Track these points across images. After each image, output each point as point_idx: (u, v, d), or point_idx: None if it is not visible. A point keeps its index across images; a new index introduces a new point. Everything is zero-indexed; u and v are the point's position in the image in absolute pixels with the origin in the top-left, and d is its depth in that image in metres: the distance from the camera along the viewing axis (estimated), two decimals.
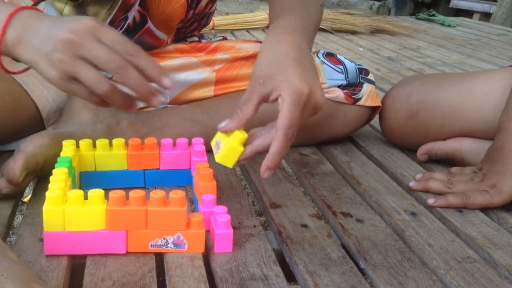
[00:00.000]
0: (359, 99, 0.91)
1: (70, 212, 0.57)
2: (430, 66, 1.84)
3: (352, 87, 0.91)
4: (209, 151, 0.68)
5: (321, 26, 2.47)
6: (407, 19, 3.28)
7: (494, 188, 0.73)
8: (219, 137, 0.61)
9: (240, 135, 0.59)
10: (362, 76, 0.93)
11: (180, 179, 0.76)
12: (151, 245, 0.60)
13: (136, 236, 0.59)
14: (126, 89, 0.57)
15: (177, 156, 0.75)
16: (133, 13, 0.85)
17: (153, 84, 0.58)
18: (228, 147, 0.60)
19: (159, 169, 0.75)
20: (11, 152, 0.73)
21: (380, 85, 1.52)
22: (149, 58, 0.55)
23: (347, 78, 0.91)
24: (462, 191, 0.75)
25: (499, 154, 0.75)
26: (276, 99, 0.56)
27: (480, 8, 3.89)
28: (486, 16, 3.81)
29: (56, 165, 0.66)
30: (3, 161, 0.72)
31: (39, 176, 0.75)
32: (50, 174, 0.76)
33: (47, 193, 0.58)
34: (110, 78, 0.57)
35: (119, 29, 0.87)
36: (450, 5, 4.31)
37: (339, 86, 0.91)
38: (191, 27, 0.95)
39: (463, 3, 4.16)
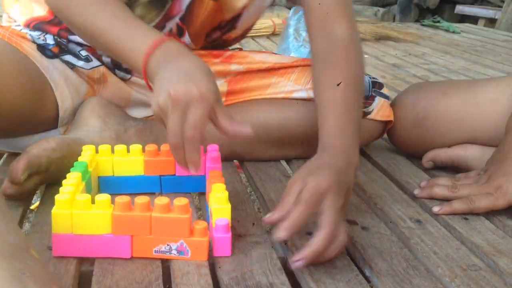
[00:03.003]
0: (369, 113, 0.90)
1: (77, 216, 0.59)
2: (435, 73, 1.84)
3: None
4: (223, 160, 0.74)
5: None
6: (412, 25, 3.29)
7: (499, 189, 0.73)
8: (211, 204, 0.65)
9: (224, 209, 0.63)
10: (375, 89, 0.91)
11: (196, 185, 0.77)
12: (155, 251, 0.61)
13: (140, 242, 0.60)
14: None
15: None
16: (171, 25, 0.87)
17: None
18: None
19: (175, 175, 0.76)
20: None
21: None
22: (194, 149, 0.63)
23: None
24: (467, 195, 0.74)
25: (505, 156, 0.75)
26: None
27: (485, 14, 3.90)
28: (491, 22, 3.81)
29: (71, 169, 0.68)
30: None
31: (46, 180, 0.76)
32: (58, 178, 0.76)
33: (56, 196, 0.59)
34: None
35: None
36: (455, 11, 4.32)
37: None
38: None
39: (468, 9, 4.16)
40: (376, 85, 0.92)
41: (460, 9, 4.24)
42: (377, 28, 2.63)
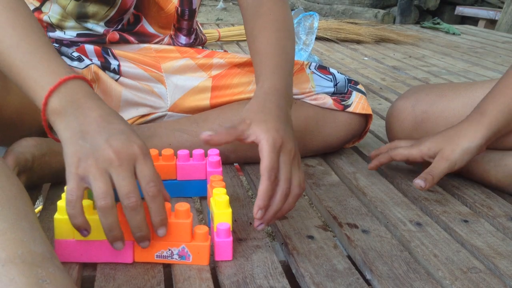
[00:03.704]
0: (348, 106, 0.93)
1: None
2: (435, 75, 1.85)
3: (341, 94, 0.93)
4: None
5: (326, 36, 2.49)
6: (412, 27, 3.29)
7: (418, 143, 0.80)
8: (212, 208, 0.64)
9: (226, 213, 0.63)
10: (351, 85, 0.95)
11: (197, 189, 0.77)
12: (157, 255, 0.61)
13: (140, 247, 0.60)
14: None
15: (193, 167, 0.76)
16: (128, 16, 0.90)
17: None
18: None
19: (176, 179, 0.77)
20: None
21: (386, 95, 1.53)
22: (162, 205, 0.57)
23: (335, 85, 0.93)
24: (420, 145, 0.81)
25: (446, 129, 0.80)
26: (251, 142, 0.64)
27: (485, 15, 3.90)
28: (491, 23, 3.82)
29: None
30: None
31: (30, 180, 0.76)
32: (41, 178, 0.78)
33: (58, 202, 0.60)
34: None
35: (114, 26, 0.89)
36: (455, 12, 4.32)
37: (328, 94, 0.93)
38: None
39: (468, 10, 4.17)
40: (352, 82, 0.96)
41: (460, 10, 4.24)
42: (377, 30, 2.63)
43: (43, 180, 0.80)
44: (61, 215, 0.59)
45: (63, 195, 0.61)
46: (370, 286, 0.60)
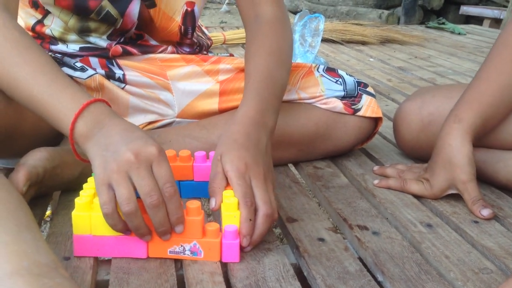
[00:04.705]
0: (358, 110, 0.93)
1: (95, 218, 0.61)
2: (441, 75, 1.85)
3: (351, 98, 0.93)
4: None
5: (331, 38, 2.49)
6: (417, 28, 3.29)
7: (428, 182, 0.81)
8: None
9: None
10: (361, 88, 0.95)
11: None
12: (170, 251, 0.63)
13: (156, 242, 0.62)
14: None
15: (210, 169, 0.77)
16: (130, 34, 0.90)
17: None
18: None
19: (193, 180, 0.78)
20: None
21: (392, 96, 1.53)
22: (178, 204, 0.60)
23: (345, 89, 0.93)
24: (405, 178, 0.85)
25: (436, 149, 0.81)
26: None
27: (490, 14, 3.89)
28: (496, 22, 3.80)
29: (92, 174, 0.69)
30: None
31: (39, 191, 0.76)
32: (51, 189, 0.79)
33: (76, 199, 0.62)
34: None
35: (117, 39, 0.90)
36: (460, 12, 4.31)
37: (338, 98, 0.93)
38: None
39: (473, 10, 4.16)
40: (361, 85, 0.96)
41: (465, 9, 4.23)
42: (382, 31, 2.63)
43: (53, 190, 0.81)
44: (78, 212, 0.62)
45: (81, 192, 0.64)
46: (381, 287, 0.60)
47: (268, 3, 0.85)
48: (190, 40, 0.95)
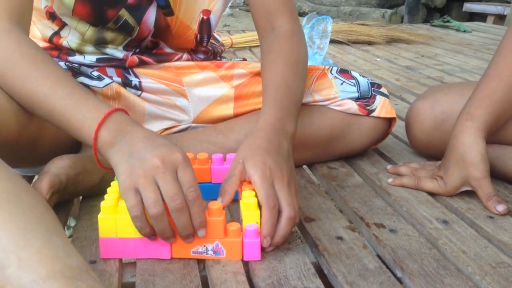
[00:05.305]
0: (373, 110, 0.94)
1: (121, 220, 0.63)
2: (449, 73, 1.86)
3: (365, 99, 0.94)
4: None
5: (337, 39, 2.50)
6: (422, 26, 3.30)
7: (442, 179, 0.82)
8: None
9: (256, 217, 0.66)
10: (375, 89, 0.96)
11: None
12: (193, 251, 0.65)
13: (179, 243, 0.64)
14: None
15: (227, 171, 0.78)
16: (146, 43, 0.92)
17: None
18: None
19: (211, 182, 0.79)
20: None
21: (401, 95, 1.54)
22: (202, 208, 0.62)
23: (359, 90, 0.94)
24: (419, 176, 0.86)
25: (449, 147, 0.82)
26: (250, 180, 0.68)
27: (493, 11, 3.89)
28: (500, 19, 3.80)
29: (115, 178, 0.70)
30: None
31: (62, 198, 0.78)
32: (73, 195, 0.81)
33: (102, 203, 0.64)
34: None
35: (133, 50, 0.92)
36: (463, 9, 4.32)
37: (352, 99, 0.94)
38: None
39: (476, 7, 4.16)
40: (375, 86, 0.97)
41: (468, 6, 4.23)
42: (388, 31, 2.64)
43: (74, 197, 0.83)
44: (104, 215, 0.63)
45: (106, 196, 0.65)
46: (401, 283, 0.62)
47: (285, 17, 0.87)
48: (205, 48, 0.97)
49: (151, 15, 0.88)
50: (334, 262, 0.65)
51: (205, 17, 0.92)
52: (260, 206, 0.66)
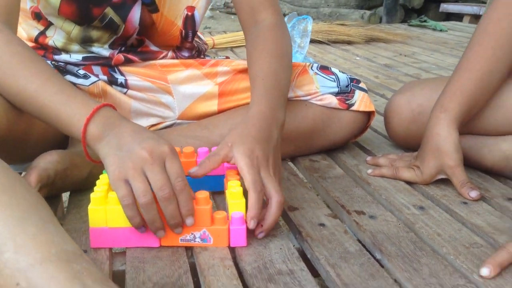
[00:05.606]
0: (352, 105, 0.98)
1: (111, 211, 0.66)
2: (426, 71, 1.91)
3: (344, 94, 0.98)
4: None
5: (317, 38, 2.55)
6: (400, 26, 3.36)
7: (418, 169, 0.86)
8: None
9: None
10: (354, 84, 1.00)
11: (216, 184, 0.82)
12: (181, 239, 0.67)
13: (168, 232, 0.66)
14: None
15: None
16: (132, 41, 0.94)
17: None
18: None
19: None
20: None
21: (381, 91, 1.58)
22: (189, 197, 0.64)
23: (339, 85, 0.98)
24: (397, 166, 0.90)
25: (425, 138, 0.86)
26: (234, 163, 0.70)
27: (469, 11, 3.97)
28: (476, 18, 3.89)
29: (103, 171, 0.73)
30: None
31: (50, 193, 0.80)
32: (61, 190, 0.82)
33: (91, 195, 0.66)
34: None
35: (119, 48, 0.94)
36: (440, 10, 4.40)
37: (332, 94, 0.97)
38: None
39: (452, 7, 4.25)
40: (354, 81, 1.01)
41: (445, 7, 4.32)
42: (366, 30, 2.69)
43: (62, 191, 0.85)
44: (94, 206, 0.66)
45: (95, 188, 0.67)
46: (381, 265, 0.65)
47: (268, 11, 0.90)
48: (190, 44, 0.99)
49: (136, 13, 0.90)
50: (316, 246, 0.68)
51: (189, 13, 0.95)
52: (245, 195, 0.68)
